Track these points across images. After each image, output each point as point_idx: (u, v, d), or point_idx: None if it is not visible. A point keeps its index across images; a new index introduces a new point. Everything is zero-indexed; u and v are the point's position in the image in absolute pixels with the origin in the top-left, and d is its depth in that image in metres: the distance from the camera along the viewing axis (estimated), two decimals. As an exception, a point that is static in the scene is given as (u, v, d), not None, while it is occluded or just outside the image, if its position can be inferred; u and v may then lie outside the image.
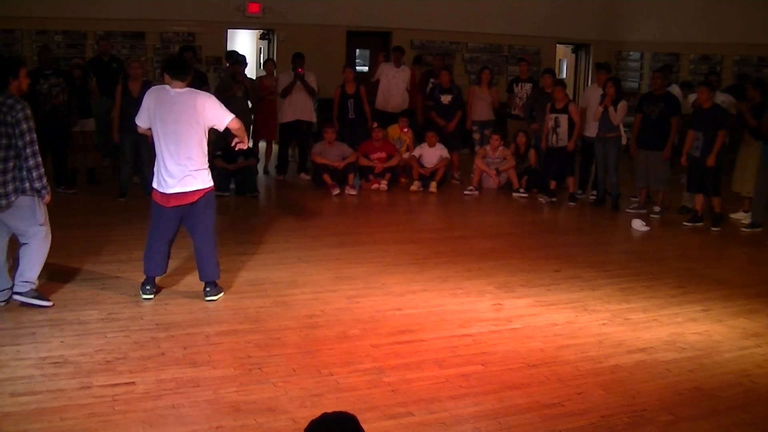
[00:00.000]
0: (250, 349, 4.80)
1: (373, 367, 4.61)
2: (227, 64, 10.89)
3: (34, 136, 5.10)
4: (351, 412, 2.33)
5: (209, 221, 5.62)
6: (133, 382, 4.24)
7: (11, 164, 5.09)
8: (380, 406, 4.11)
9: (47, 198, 5.28)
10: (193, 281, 5.96)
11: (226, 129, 5.63)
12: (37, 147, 5.12)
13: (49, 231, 5.43)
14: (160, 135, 5.45)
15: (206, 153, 5.54)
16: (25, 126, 5.04)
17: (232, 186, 9.73)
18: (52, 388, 4.13)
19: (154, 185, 5.57)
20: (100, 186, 9.77)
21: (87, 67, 10.13)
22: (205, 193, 5.53)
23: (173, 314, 5.34)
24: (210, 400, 4.10)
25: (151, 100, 5.50)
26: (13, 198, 5.12)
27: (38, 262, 5.40)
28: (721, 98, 9.95)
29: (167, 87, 5.48)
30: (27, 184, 5.15)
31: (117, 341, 4.80)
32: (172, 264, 5.95)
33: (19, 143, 5.05)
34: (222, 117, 5.50)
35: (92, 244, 6.97)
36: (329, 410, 2.32)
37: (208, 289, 5.68)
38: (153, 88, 5.69)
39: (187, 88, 5.48)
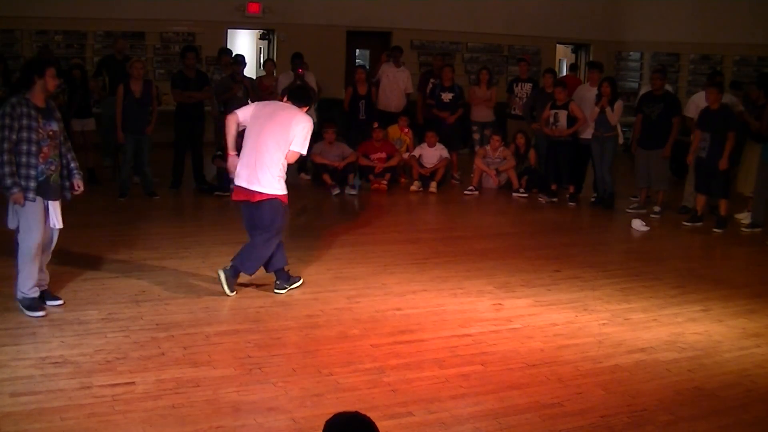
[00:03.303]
0: (250, 349, 4.80)
1: (373, 367, 4.62)
2: (229, 62, 10.84)
3: (5, 133, 4.91)
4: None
5: (268, 226, 5.77)
6: (133, 382, 4.24)
7: None
8: (380, 406, 4.11)
9: (13, 199, 4.97)
10: (193, 281, 5.96)
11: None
12: (6, 145, 4.91)
13: (31, 239, 5.07)
14: (253, 131, 5.78)
15: (283, 164, 5.77)
16: None
17: (232, 186, 9.70)
18: (52, 388, 4.13)
19: None
20: (100, 186, 9.76)
21: (100, 65, 10.28)
22: (269, 199, 5.74)
23: (173, 314, 5.34)
24: (210, 400, 4.10)
25: (259, 102, 6.10)
26: None
27: (18, 268, 5.16)
28: (725, 99, 9.91)
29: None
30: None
31: (117, 341, 4.80)
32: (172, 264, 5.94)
33: None
34: (299, 140, 5.74)
35: (92, 244, 6.95)
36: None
37: (277, 282, 5.93)
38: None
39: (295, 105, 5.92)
